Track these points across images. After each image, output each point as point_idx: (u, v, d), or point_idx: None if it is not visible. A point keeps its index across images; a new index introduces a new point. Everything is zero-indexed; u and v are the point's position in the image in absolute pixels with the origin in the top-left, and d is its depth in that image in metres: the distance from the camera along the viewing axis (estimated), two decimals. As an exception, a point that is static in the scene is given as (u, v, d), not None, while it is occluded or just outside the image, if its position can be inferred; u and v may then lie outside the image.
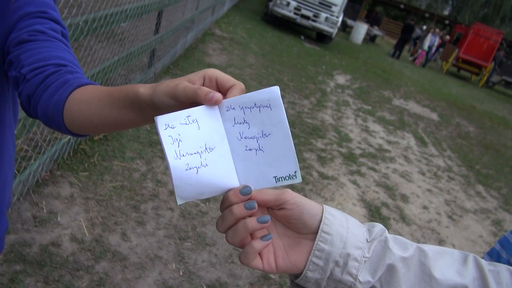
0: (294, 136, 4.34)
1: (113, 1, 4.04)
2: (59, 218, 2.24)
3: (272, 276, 2.39)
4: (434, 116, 8.24)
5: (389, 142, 5.57)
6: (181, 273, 2.20)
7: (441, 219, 3.97)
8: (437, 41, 17.65)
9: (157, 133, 0.48)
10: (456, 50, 17.69)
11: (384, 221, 3.53)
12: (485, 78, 17.64)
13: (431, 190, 4.54)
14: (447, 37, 20.31)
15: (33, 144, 2.54)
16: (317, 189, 3.59)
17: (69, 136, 2.61)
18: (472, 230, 3.99)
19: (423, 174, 4.88)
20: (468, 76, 19.05)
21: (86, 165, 2.72)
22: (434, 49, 17.29)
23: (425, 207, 4.07)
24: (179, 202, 0.49)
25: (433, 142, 6.41)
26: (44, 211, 2.25)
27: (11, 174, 0.91)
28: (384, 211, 3.68)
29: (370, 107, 6.98)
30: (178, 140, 0.48)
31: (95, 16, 2.28)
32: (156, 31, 4.17)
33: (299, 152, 3.99)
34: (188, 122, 0.48)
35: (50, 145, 2.51)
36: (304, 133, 4.66)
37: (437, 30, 18.31)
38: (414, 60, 17.51)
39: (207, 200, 2.85)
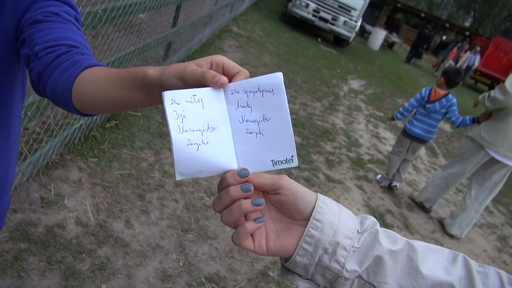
0: (304, 137, 4.36)
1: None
2: (65, 201, 2.28)
3: (271, 273, 2.41)
4: (447, 127, 8.15)
5: (399, 150, 5.53)
6: (181, 264, 2.23)
7: (445, 230, 3.93)
8: (477, 61, 16.15)
9: (167, 125, 0.51)
10: (474, 63, 17.47)
11: (388, 228, 3.51)
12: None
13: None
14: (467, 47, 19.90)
15: (46, 127, 2.59)
16: (323, 191, 3.59)
17: (81, 122, 2.65)
18: (477, 244, 3.96)
19: (431, 184, 4.83)
20: (485, 89, 18.80)
21: (95, 151, 2.76)
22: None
23: (430, 217, 4.04)
24: (178, 177, 0.50)
25: (444, 153, 6.35)
26: (52, 193, 2.29)
27: (16, 153, 0.94)
28: (389, 218, 3.67)
29: (382, 114, 6.94)
30: (182, 116, 0.49)
31: (114, 6, 2.32)
32: (174, 24, 4.20)
33: (307, 154, 3.99)
34: (193, 101, 0.50)
35: (62, 130, 2.56)
36: (313, 135, 4.65)
37: (478, 48, 16.82)
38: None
39: (212, 194, 2.87)
